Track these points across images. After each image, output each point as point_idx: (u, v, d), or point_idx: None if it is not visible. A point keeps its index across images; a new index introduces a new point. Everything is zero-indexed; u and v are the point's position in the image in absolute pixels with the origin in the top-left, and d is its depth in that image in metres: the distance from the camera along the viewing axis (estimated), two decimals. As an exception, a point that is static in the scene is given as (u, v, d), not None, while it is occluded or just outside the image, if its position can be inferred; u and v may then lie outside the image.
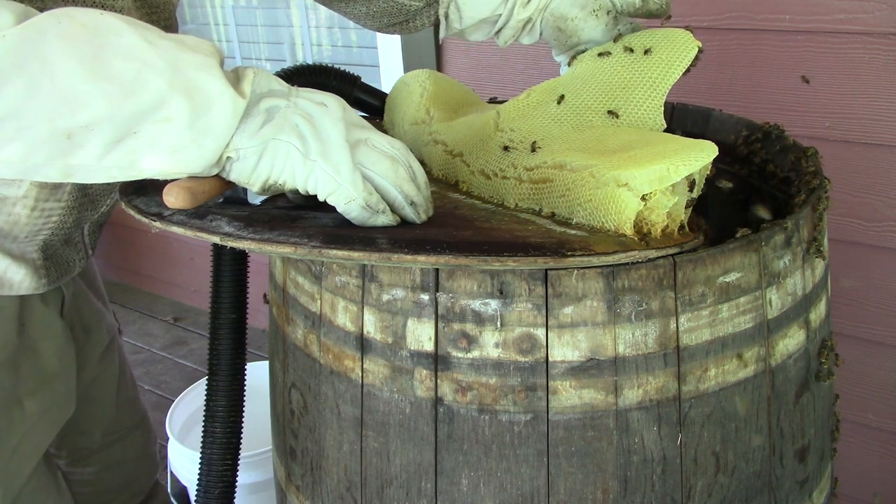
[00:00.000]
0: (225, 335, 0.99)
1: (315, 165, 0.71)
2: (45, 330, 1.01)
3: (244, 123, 0.70)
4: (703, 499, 0.77)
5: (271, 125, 0.70)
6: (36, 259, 0.96)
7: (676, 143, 0.79)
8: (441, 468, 0.77)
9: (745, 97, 1.49)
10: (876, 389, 1.58)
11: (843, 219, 1.47)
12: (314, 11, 2.37)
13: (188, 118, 0.66)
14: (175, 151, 0.67)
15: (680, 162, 0.73)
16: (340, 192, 0.72)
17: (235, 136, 0.70)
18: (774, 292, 0.77)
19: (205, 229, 0.73)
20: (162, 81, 0.65)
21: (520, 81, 1.77)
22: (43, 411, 1.01)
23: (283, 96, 0.73)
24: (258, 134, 0.70)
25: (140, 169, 0.68)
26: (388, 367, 0.78)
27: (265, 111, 0.71)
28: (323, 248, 0.70)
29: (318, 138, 0.71)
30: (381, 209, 0.74)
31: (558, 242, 0.72)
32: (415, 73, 1.16)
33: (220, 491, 1.02)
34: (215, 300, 0.99)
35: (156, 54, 0.65)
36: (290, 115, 0.71)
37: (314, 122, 0.72)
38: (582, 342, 0.72)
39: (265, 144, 0.70)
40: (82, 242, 1.05)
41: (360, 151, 0.73)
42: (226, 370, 0.99)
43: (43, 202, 0.90)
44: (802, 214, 0.80)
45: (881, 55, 1.34)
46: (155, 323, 2.93)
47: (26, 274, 0.95)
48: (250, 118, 0.70)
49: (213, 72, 0.67)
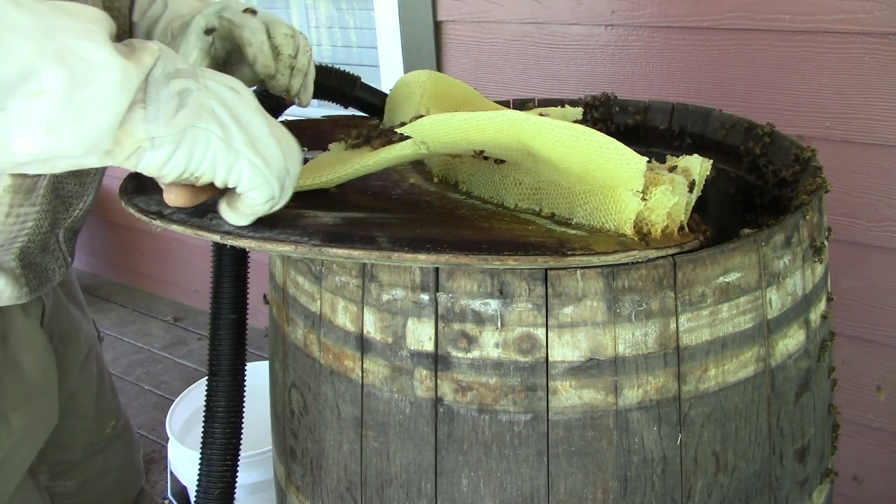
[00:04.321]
0: (225, 336, 0.98)
1: (240, 156, 0.66)
2: (27, 342, 0.99)
3: (154, 108, 0.62)
4: (703, 499, 0.77)
5: (187, 111, 0.64)
6: (14, 268, 0.93)
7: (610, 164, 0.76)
8: (441, 468, 0.77)
9: (745, 97, 1.49)
10: (876, 389, 1.58)
11: (843, 219, 1.47)
12: (314, 11, 2.37)
13: (65, 91, 0.57)
14: (51, 131, 0.58)
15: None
16: (266, 189, 0.68)
17: (147, 122, 0.62)
18: (774, 292, 0.77)
19: (205, 228, 0.73)
20: (30, 47, 0.56)
21: (520, 81, 1.77)
22: (27, 426, 0.99)
23: (191, 77, 0.66)
24: (174, 121, 0.63)
25: (11, 153, 0.59)
26: (388, 367, 0.78)
27: (177, 94, 0.64)
28: (323, 246, 0.70)
29: (241, 127, 0.66)
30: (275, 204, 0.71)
31: (558, 242, 0.72)
32: (415, 73, 1.16)
33: (219, 491, 1.01)
34: (215, 300, 0.98)
35: (23, 16, 0.56)
36: (205, 99, 0.65)
37: (231, 109, 0.66)
38: (582, 342, 0.72)
39: (183, 133, 0.64)
40: (59, 250, 1.02)
41: (276, 139, 0.69)
42: (226, 370, 0.98)
43: (17, 207, 0.87)
44: (802, 214, 0.80)
45: (881, 55, 1.34)
46: (155, 323, 2.93)
47: (6, 283, 0.92)
48: (162, 102, 0.63)
49: (96, 38, 0.59)
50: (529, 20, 1.70)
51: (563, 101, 1.20)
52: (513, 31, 1.74)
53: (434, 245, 0.69)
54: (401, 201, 0.89)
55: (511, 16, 1.72)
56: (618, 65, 1.62)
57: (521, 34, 1.73)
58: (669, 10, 1.51)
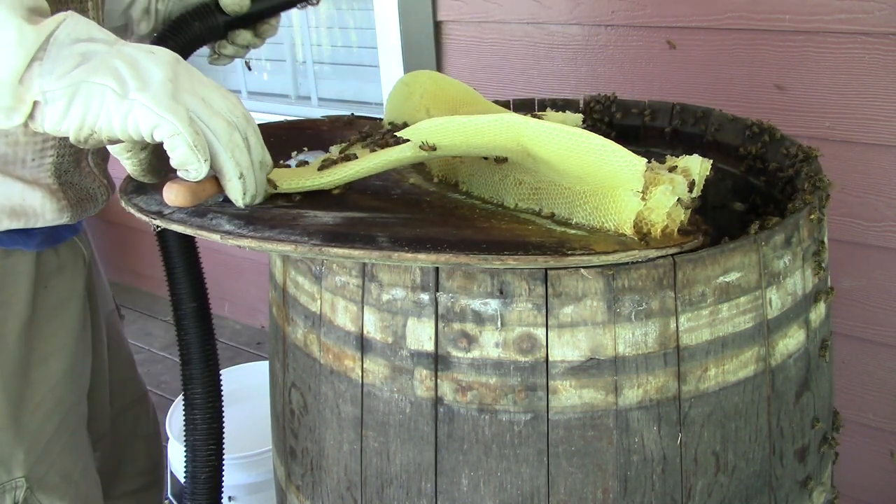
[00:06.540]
0: (190, 324, 1.00)
1: (133, 103, 0.67)
2: (71, 290, 1.03)
3: (50, 64, 0.65)
4: (704, 498, 0.77)
5: (84, 67, 0.66)
6: (51, 184, 0.95)
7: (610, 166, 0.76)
8: (441, 468, 0.77)
9: (745, 97, 1.49)
10: (876, 389, 1.58)
11: (843, 219, 1.47)
12: (314, 11, 2.37)
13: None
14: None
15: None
16: (163, 125, 0.68)
17: (41, 77, 0.65)
18: (774, 292, 0.77)
19: (205, 227, 0.73)
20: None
21: (520, 81, 1.77)
22: (66, 370, 1.02)
23: (104, 43, 0.68)
24: (69, 75, 0.65)
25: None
26: (388, 366, 0.78)
27: (80, 54, 0.66)
28: (323, 246, 0.70)
29: (139, 77, 0.67)
30: (205, 158, 0.70)
31: (558, 241, 0.72)
32: (414, 73, 1.16)
33: (206, 476, 1.02)
34: (174, 292, 1.00)
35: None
36: (110, 59, 0.67)
37: (137, 66, 0.67)
38: (582, 342, 0.72)
39: (77, 87, 0.66)
40: (93, 173, 1.03)
41: (195, 102, 0.69)
42: (197, 358, 1.00)
43: None
44: (802, 214, 0.80)
45: (881, 55, 1.34)
46: (155, 323, 2.93)
47: (44, 197, 0.94)
48: (60, 59, 0.65)
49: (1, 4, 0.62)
50: (529, 20, 1.70)
51: (565, 108, 1.20)
52: (513, 31, 1.74)
53: (434, 244, 0.69)
54: (401, 201, 0.90)
55: (511, 16, 1.72)
56: (618, 65, 1.62)
57: (521, 34, 1.73)
58: (669, 10, 1.51)
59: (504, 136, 0.76)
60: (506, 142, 0.77)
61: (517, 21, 1.72)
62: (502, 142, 0.77)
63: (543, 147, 0.75)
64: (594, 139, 0.73)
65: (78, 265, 1.06)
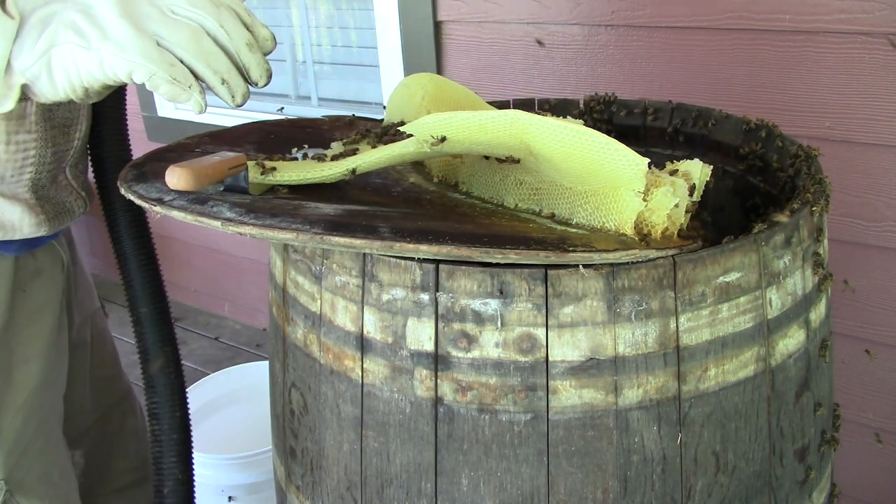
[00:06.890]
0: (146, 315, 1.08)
1: (101, 52, 0.67)
2: (49, 295, 1.04)
3: (20, 42, 0.66)
4: (703, 499, 0.77)
5: (46, 34, 0.66)
6: (29, 199, 0.95)
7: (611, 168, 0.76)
8: (441, 468, 0.77)
9: (745, 97, 1.49)
10: (876, 389, 1.58)
11: (843, 219, 1.47)
12: (314, 11, 2.37)
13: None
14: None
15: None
16: (139, 69, 0.67)
17: (17, 58, 0.65)
18: (774, 292, 0.77)
19: (206, 214, 0.73)
20: None
21: (520, 81, 1.77)
22: (46, 372, 1.03)
23: (59, 1, 0.68)
24: (36, 48, 0.66)
25: None
26: (388, 366, 0.78)
27: (40, 21, 0.67)
28: (325, 234, 0.69)
29: (96, 25, 0.67)
30: (190, 84, 0.69)
31: (559, 239, 0.72)
32: (416, 76, 1.16)
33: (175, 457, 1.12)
34: (128, 288, 1.06)
35: None
36: (65, 14, 0.67)
37: (92, 13, 0.67)
38: (582, 342, 0.72)
39: (48, 55, 0.66)
40: (70, 186, 1.04)
41: (154, 21, 0.67)
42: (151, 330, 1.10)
43: (14, 134, 0.89)
44: (802, 214, 0.80)
45: (881, 55, 1.34)
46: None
47: (23, 212, 0.94)
48: (26, 35, 0.66)
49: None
50: (529, 20, 1.70)
51: (565, 109, 1.20)
52: (513, 31, 1.74)
53: (436, 236, 0.69)
54: (401, 198, 0.90)
55: (511, 16, 1.72)
56: (618, 65, 1.62)
57: (521, 34, 1.73)
58: (669, 10, 1.51)
59: (507, 133, 0.76)
60: (508, 139, 0.77)
61: (517, 21, 1.72)
62: (505, 139, 0.77)
63: (547, 144, 0.75)
64: (598, 137, 0.73)
65: (56, 268, 1.06)
